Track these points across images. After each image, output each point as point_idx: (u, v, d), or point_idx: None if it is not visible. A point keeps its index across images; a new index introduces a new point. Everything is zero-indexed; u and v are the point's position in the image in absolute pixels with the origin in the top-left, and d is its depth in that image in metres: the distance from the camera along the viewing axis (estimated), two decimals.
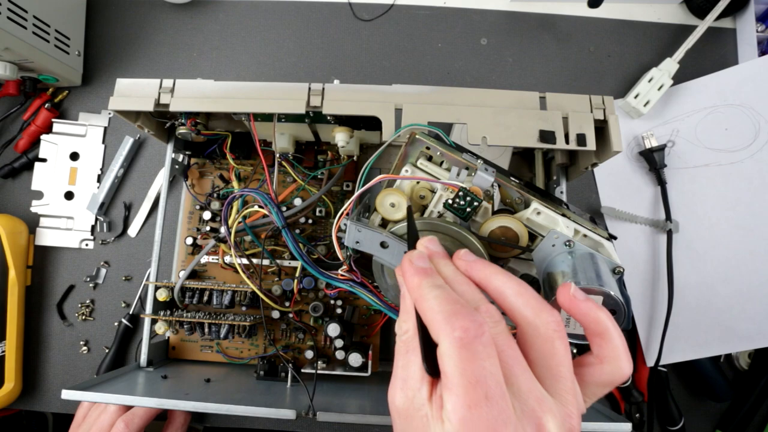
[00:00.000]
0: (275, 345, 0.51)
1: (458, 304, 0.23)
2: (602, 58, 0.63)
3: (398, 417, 0.24)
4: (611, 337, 0.25)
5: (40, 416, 0.66)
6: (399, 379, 0.24)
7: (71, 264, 0.58)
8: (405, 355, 0.25)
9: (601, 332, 0.25)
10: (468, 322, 0.22)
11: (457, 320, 0.22)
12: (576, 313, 0.26)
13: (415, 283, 0.26)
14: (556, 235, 0.33)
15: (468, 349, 0.21)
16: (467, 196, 0.34)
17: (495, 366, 0.22)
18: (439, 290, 0.24)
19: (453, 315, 0.22)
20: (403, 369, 0.24)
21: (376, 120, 0.39)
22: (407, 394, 0.23)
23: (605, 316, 0.25)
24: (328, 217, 0.53)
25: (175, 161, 0.51)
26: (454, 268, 0.28)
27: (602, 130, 0.40)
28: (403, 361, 0.25)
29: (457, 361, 0.21)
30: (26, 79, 0.56)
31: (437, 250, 0.29)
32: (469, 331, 0.22)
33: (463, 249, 0.29)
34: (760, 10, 0.61)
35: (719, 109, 0.59)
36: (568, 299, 0.26)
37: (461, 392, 0.21)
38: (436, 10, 0.64)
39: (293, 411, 0.38)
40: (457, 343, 0.21)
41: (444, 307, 0.23)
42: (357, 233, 0.36)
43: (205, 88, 0.41)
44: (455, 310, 0.23)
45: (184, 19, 0.64)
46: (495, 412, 0.20)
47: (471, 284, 0.27)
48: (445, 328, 0.22)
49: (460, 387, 0.21)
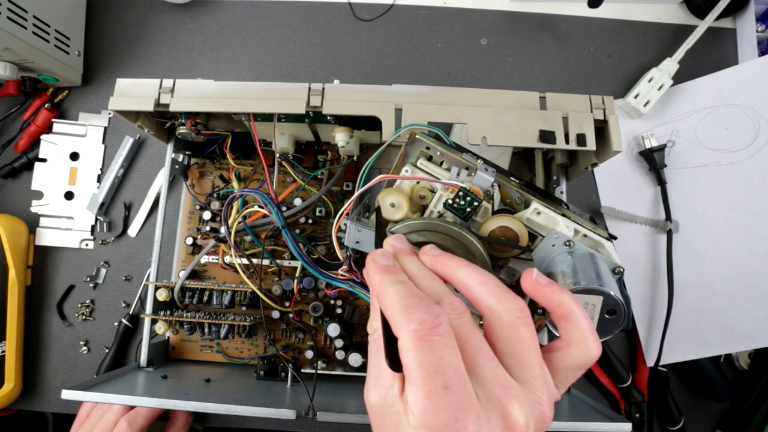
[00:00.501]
0: (275, 345, 0.51)
1: (416, 297, 0.23)
2: (602, 58, 0.63)
3: (373, 415, 0.24)
4: (576, 319, 0.25)
5: (40, 416, 0.66)
6: (372, 377, 0.24)
7: (71, 264, 0.58)
8: (376, 353, 0.25)
9: (566, 315, 0.25)
10: (424, 314, 0.22)
11: (414, 313, 0.22)
12: (540, 297, 0.26)
13: (377, 281, 0.26)
14: (556, 235, 0.33)
15: (425, 341, 0.21)
16: (467, 196, 0.34)
17: (454, 356, 0.22)
18: (399, 285, 0.25)
19: (410, 308, 0.23)
20: (375, 367, 0.25)
21: (376, 120, 0.39)
22: (380, 391, 0.24)
23: (569, 299, 0.25)
24: (328, 217, 0.53)
25: (175, 161, 0.51)
26: (419, 264, 0.28)
27: (602, 130, 0.40)
28: (375, 359, 0.25)
29: (415, 353, 0.21)
30: (26, 79, 0.56)
31: (403, 247, 0.29)
32: (425, 323, 0.22)
33: (429, 244, 0.29)
34: (760, 10, 0.61)
35: (719, 109, 0.59)
36: (531, 284, 0.26)
37: (420, 383, 0.21)
38: (436, 10, 0.64)
39: (293, 411, 0.38)
40: (413, 335, 0.22)
41: (402, 302, 0.23)
42: (357, 233, 0.36)
43: (205, 88, 0.41)
44: (413, 303, 0.23)
45: (184, 19, 0.64)
46: (455, 400, 0.20)
47: (435, 278, 0.27)
48: (402, 322, 0.22)
49: (419, 378, 0.21)
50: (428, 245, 0.29)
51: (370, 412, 0.25)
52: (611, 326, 0.29)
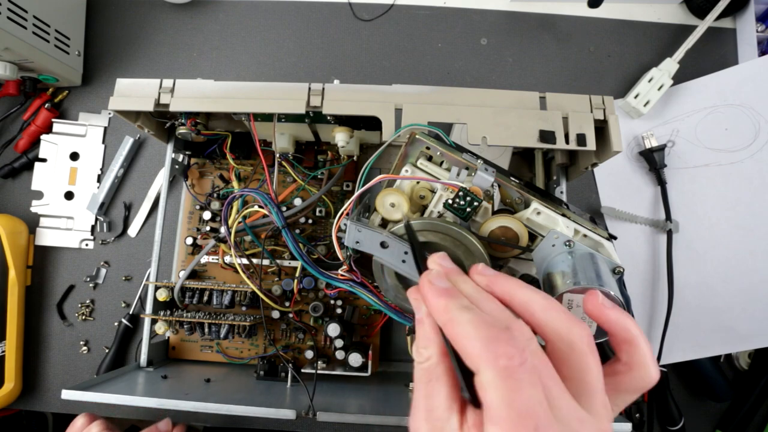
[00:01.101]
0: (275, 345, 0.51)
1: (495, 328, 0.22)
2: (602, 58, 0.63)
3: None
4: (639, 343, 0.25)
5: (40, 416, 0.67)
6: (422, 410, 0.23)
7: (71, 264, 0.58)
8: (427, 383, 0.23)
9: (629, 339, 0.25)
10: (510, 348, 0.21)
11: (499, 347, 0.21)
12: (604, 321, 0.25)
13: (441, 306, 0.24)
14: (556, 235, 0.33)
15: (513, 379, 0.20)
16: (467, 196, 0.34)
17: (540, 394, 0.20)
18: (471, 313, 0.23)
19: (493, 341, 0.21)
20: (426, 399, 0.23)
21: (376, 120, 0.39)
22: (435, 425, 0.22)
23: (633, 324, 0.25)
24: (328, 217, 0.53)
25: (175, 161, 0.51)
26: (474, 285, 0.26)
27: (602, 130, 0.40)
28: (426, 391, 0.23)
29: (504, 392, 0.20)
30: (26, 79, 0.56)
31: (451, 266, 0.28)
32: (514, 359, 0.20)
33: (480, 263, 0.28)
34: (760, 10, 0.61)
35: (719, 109, 0.59)
36: (597, 307, 0.26)
37: (510, 426, 0.19)
38: (436, 10, 0.64)
39: (293, 411, 0.38)
40: (502, 373, 0.20)
41: (481, 333, 0.21)
42: (357, 233, 0.36)
43: (205, 88, 0.41)
44: (494, 336, 0.21)
45: (184, 19, 0.64)
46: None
47: (496, 301, 0.25)
48: (486, 356, 0.21)
49: (508, 421, 0.19)
50: (479, 264, 0.28)
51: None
52: None
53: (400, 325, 0.41)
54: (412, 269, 0.36)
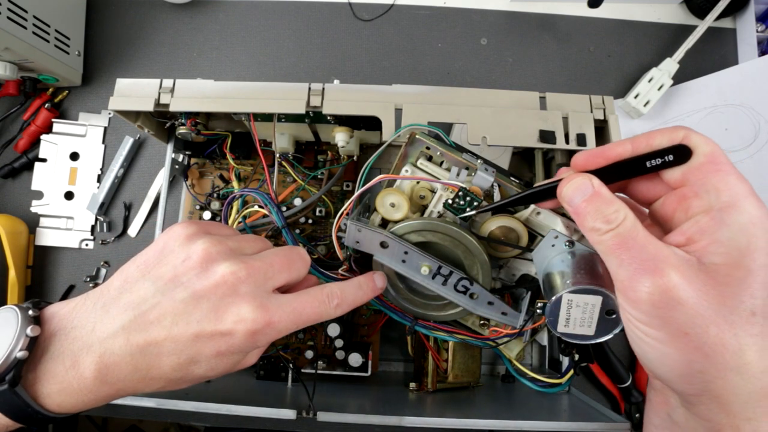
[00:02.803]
0: (275, 345, 0.51)
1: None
2: (602, 58, 0.63)
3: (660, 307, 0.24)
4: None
5: None
6: (637, 270, 0.25)
7: (71, 264, 0.58)
8: (631, 240, 0.25)
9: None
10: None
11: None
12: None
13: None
14: (556, 235, 0.33)
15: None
16: (467, 196, 0.34)
17: None
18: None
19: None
20: (640, 250, 0.25)
21: (376, 120, 0.39)
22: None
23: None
24: (328, 217, 0.53)
25: (175, 161, 0.51)
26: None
27: (602, 130, 0.41)
28: (633, 252, 0.25)
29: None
30: (26, 79, 0.56)
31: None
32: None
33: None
34: (760, 10, 0.61)
35: (719, 109, 0.59)
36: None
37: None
38: (436, 10, 0.64)
39: (293, 411, 0.38)
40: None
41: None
42: (357, 233, 0.36)
43: (205, 88, 0.41)
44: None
45: (184, 19, 0.64)
46: None
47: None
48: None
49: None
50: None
51: (652, 306, 0.24)
52: (611, 326, 0.29)
53: (400, 325, 0.41)
54: (422, 261, 0.36)
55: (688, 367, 0.24)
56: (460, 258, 0.37)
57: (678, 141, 0.27)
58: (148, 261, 0.30)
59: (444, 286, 0.37)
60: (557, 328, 0.30)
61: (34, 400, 0.27)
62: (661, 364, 0.26)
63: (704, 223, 0.25)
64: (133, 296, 0.29)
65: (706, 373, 0.24)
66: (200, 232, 0.31)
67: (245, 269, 0.29)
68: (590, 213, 0.27)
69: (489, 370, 0.53)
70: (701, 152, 0.26)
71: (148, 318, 0.28)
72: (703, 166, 0.26)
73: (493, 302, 0.37)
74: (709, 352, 0.24)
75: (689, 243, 0.25)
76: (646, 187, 0.30)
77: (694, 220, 0.26)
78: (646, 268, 0.24)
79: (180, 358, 0.28)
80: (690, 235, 0.25)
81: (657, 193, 0.29)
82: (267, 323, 0.29)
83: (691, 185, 0.27)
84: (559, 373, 0.47)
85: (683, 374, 0.25)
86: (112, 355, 0.27)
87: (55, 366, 0.27)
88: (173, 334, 0.28)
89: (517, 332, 0.39)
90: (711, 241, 0.24)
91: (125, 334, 0.28)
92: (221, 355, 0.29)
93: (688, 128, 0.27)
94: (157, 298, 0.28)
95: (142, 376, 0.28)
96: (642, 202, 0.31)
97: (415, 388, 0.46)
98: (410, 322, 0.40)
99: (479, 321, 0.42)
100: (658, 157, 0.27)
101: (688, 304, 0.24)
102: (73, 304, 0.29)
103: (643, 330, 0.25)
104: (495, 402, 0.46)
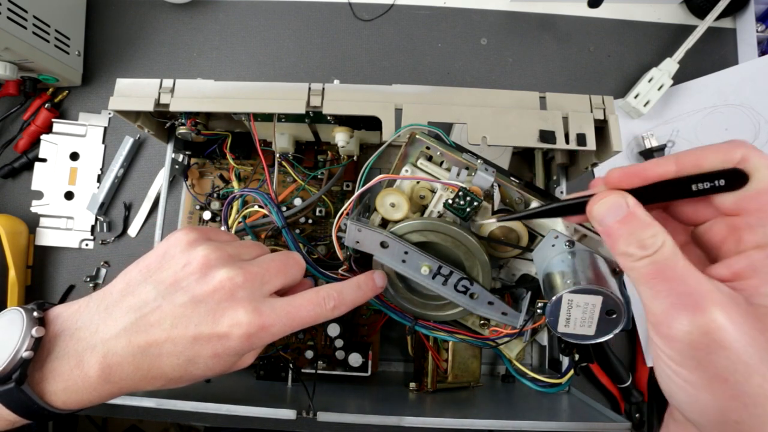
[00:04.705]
0: (275, 345, 0.51)
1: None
2: (602, 58, 0.63)
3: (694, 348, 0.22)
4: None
5: None
6: (675, 305, 0.22)
7: (71, 264, 0.58)
8: (670, 270, 0.23)
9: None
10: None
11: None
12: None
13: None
14: (556, 235, 0.33)
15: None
16: (467, 196, 0.34)
17: None
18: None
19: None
20: (678, 286, 0.22)
21: (376, 120, 0.39)
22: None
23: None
24: (328, 217, 0.53)
25: (175, 161, 0.51)
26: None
27: (602, 130, 0.40)
28: (671, 283, 0.23)
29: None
30: (26, 79, 0.56)
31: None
32: None
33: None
34: (760, 10, 0.61)
35: (719, 109, 0.59)
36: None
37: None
38: (436, 10, 0.64)
39: (293, 411, 0.38)
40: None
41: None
42: (357, 233, 0.36)
43: (205, 88, 0.41)
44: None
45: (184, 19, 0.64)
46: None
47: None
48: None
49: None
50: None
51: (687, 346, 0.22)
52: (611, 326, 0.29)
53: (400, 325, 0.41)
54: (423, 261, 0.36)
55: (723, 416, 0.22)
56: (460, 258, 0.37)
57: (734, 163, 0.23)
58: (150, 265, 0.31)
59: (444, 286, 0.37)
60: (557, 328, 0.30)
61: (41, 398, 0.27)
62: (691, 408, 0.24)
63: (757, 260, 0.23)
64: (135, 299, 0.30)
65: (742, 424, 0.22)
66: (201, 239, 0.32)
67: (242, 275, 0.30)
68: (623, 236, 0.24)
69: (489, 370, 0.53)
70: (760, 178, 0.23)
71: (149, 320, 0.29)
72: (761, 195, 0.23)
73: (493, 302, 0.37)
74: (749, 403, 0.21)
75: (736, 279, 0.23)
76: (692, 209, 0.27)
77: (746, 254, 0.23)
78: (685, 303, 0.22)
79: (179, 358, 0.29)
80: (738, 270, 0.23)
81: (704, 216, 0.26)
82: (261, 327, 0.30)
83: (745, 216, 0.24)
84: (559, 373, 0.47)
85: (716, 422, 0.23)
86: (114, 355, 0.28)
87: (60, 365, 0.28)
88: (173, 336, 0.29)
89: (517, 332, 0.39)
90: (764, 281, 0.22)
91: (127, 335, 0.28)
92: (218, 357, 0.30)
93: (748, 146, 0.23)
94: (158, 301, 0.29)
95: (143, 375, 0.29)
96: (685, 224, 0.28)
97: (415, 388, 0.46)
98: (410, 322, 0.40)
99: (479, 321, 0.42)
100: (707, 181, 0.24)
101: (732, 348, 0.21)
102: (76, 306, 0.30)
103: (674, 370, 0.23)
104: (495, 402, 0.46)
